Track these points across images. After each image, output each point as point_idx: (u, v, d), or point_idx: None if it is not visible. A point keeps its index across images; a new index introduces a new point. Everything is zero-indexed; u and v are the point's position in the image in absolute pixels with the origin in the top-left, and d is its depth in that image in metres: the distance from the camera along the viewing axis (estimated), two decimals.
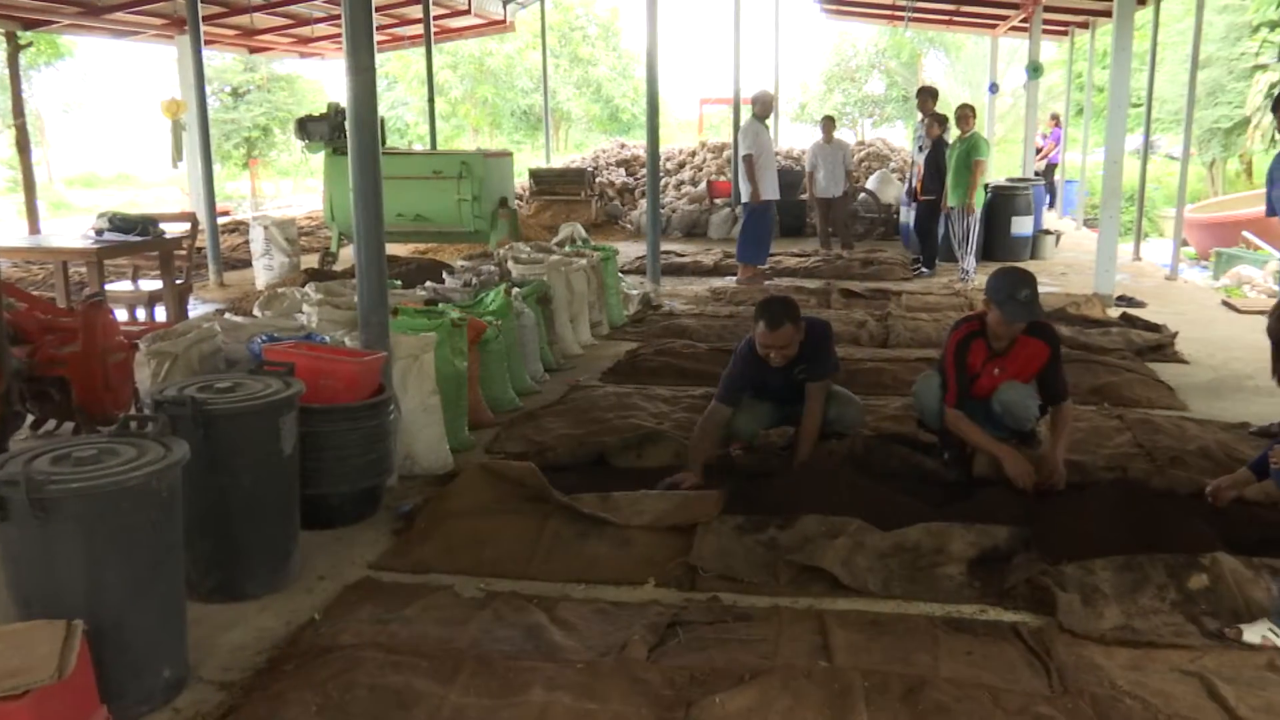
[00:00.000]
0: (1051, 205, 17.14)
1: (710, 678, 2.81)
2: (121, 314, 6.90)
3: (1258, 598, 3.20)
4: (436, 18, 16.94)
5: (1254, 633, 3.03)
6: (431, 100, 16.35)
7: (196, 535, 3.17)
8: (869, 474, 4.30)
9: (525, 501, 4.04)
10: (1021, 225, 11.80)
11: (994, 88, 19.67)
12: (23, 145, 12.08)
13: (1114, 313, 8.40)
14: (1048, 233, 12.48)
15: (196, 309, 8.18)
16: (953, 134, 10.48)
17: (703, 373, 6.22)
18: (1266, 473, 3.89)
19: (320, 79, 33.79)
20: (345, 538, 3.89)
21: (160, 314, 7.15)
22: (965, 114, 10.24)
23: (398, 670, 2.84)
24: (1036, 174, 16.67)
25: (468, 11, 17.92)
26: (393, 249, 11.17)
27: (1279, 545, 3.60)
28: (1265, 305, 5.01)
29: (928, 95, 11.29)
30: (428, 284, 6.68)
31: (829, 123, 12.63)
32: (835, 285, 9.59)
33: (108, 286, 7.14)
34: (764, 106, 10.44)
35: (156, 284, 7.37)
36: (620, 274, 8.84)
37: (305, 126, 11.00)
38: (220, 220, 12.04)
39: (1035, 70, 16.61)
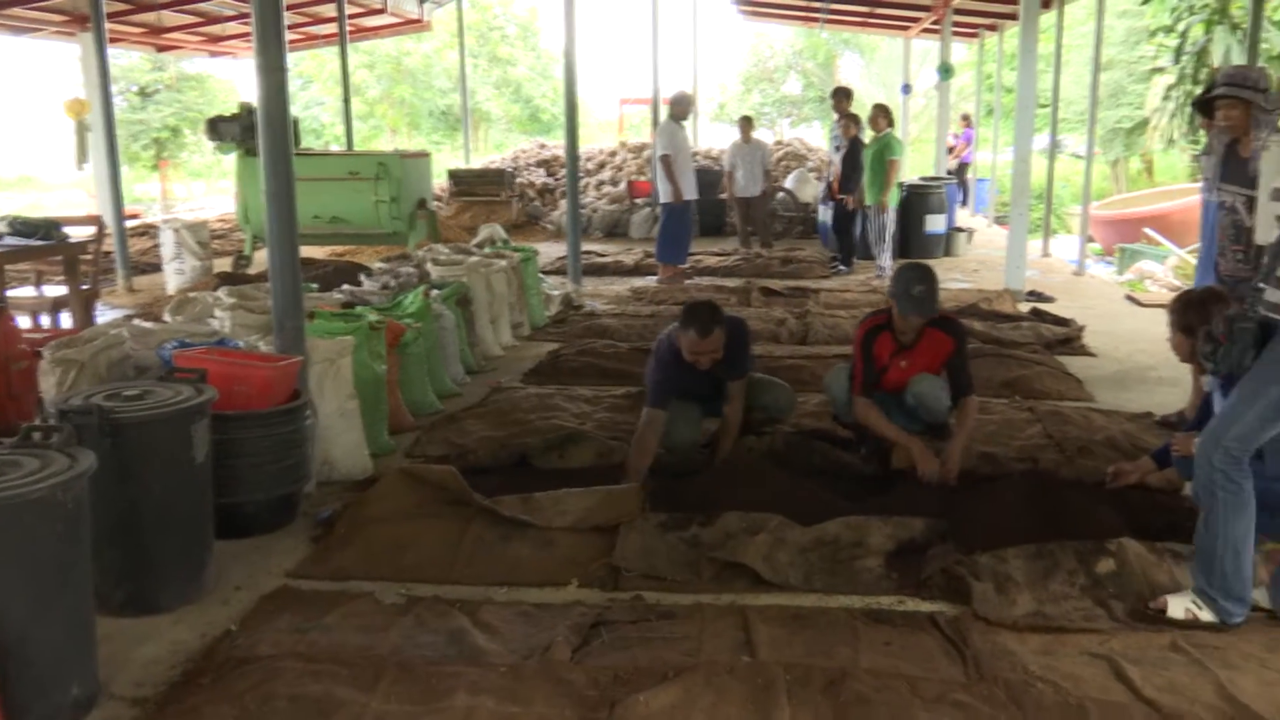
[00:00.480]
0: (964, 203, 17.53)
1: (634, 676, 2.82)
2: (24, 321, 6.67)
3: (1161, 580, 3.32)
4: (351, 16, 16.70)
5: (1178, 606, 3.14)
6: (347, 100, 16.11)
7: (106, 547, 3.08)
8: (789, 470, 4.35)
9: (446, 505, 4.00)
10: (935, 223, 12.05)
11: (907, 88, 20.04)
12: None
13: (1024, 307, 8.62)
14: (960, 230, 12.76)
15: (104, 315, 7.95)
16: (867, 134, 10.67)
17: (625, 372, 6.24)
18: (1168, 461, 4.05)
19: (232, 78, 33.09)
20: (262, 546, 3.82)
21: (65, 320, 6.94)
22: (875, 115, 10.43)
23: (317, 679, 2.80)
24: (949, 173, 17.05)
25: (383, 10, 17.69)
26: (309, 251, 11.01)
27: (1180, 530, 3.73)
28: (1166, 299, 5.22)
29: (843, 95, 11.47)
30: (345, 287, 6.58)
31: (746, 123, 12.75)
32: (755, 284, 9.69)
33: (9, 292, 6.89)
34: (682, 107, 10.51)
35: (61, 290, 7.14)
36: (541, 275, 8.82)
37: (216, 127, 10.77)
38: (129, 223, 11.71)
39: (946, 72, 16.99)
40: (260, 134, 4.08)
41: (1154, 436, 4.85)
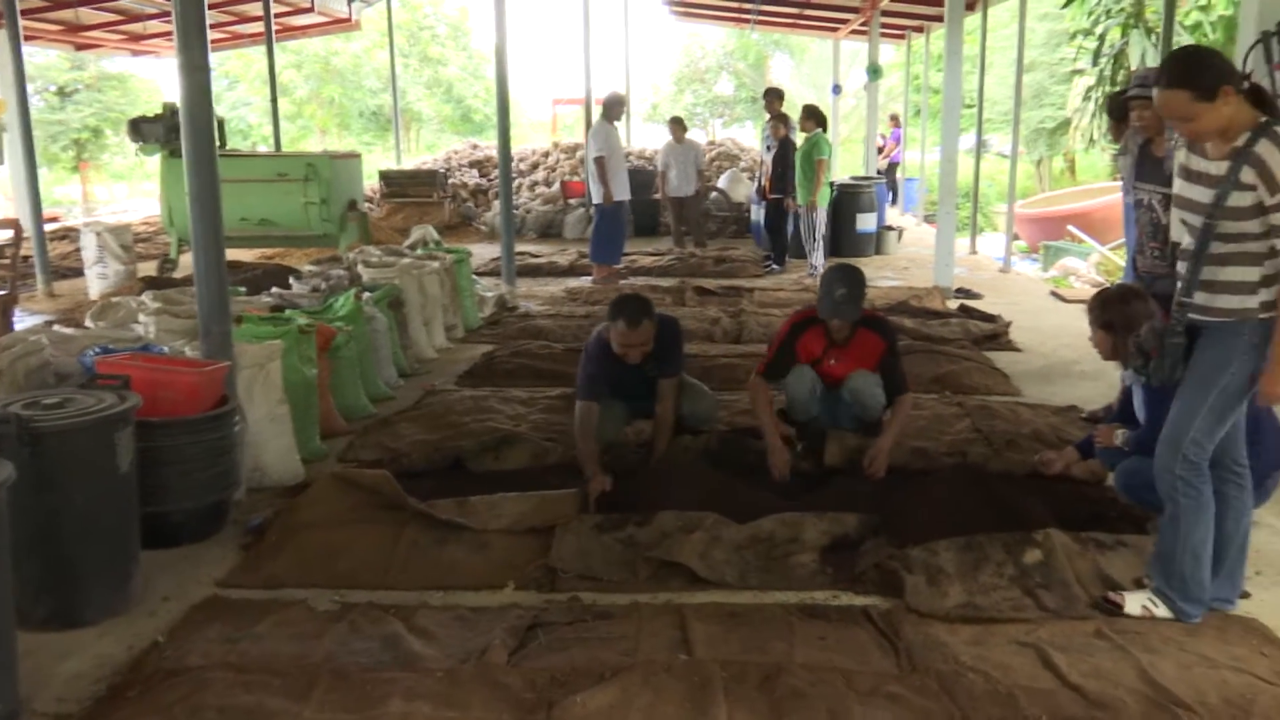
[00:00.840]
0: (894, 202, 17.79)
1: (571, 678, 2.82)
2: None
3: (1085, 568, 3.41)
4: (278, 15, 16.46)
5: (1134, 603, 3.21)
6: (274, 100, 15.85)
7: (26, 560, 3.00)
8: (724, 468, 4.38)
9: (380, 510, 3.96)
10: (866, 222, 12.20)
11: (837, 89, 20.27)
12: None
13: (953, 304, 8.77)
14: (890, 229, 12.95)
15: (23, 321, 7.72)
16: (799, 134, 10.78)
17: (559, 373, 6.22)
18: (1092, 452, 4.16)
19: (155, 78, 32.37)
20: (191, 556, 3.74)
21: None
22: (803, 116, 10.57)
23: (249, 690, 2.75)
24: (879, 172, 17.29)
25: (311, 9, 17.45)
26: (237, 254, 10.81)
27: (1104, 520, 3.84)
28: (1089, 295, 5.35)
29: (774, 96, 11.56)
30: (274, 290, 6.48)
31: (677, 123, 12.75)
32: (689, 283, 9.73)
33: None
34: (615, 108, 10.52)
35: None
36: (475, 276, 8.77)
37: (139, 128, 10.55)
38: (48, 227, 11.40)
39: (875, 72, 17.21)
40: (183, 135, 4.01)
41: (1078, 429, 4.97)
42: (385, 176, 15.97)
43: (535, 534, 3.77)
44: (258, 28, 16.22)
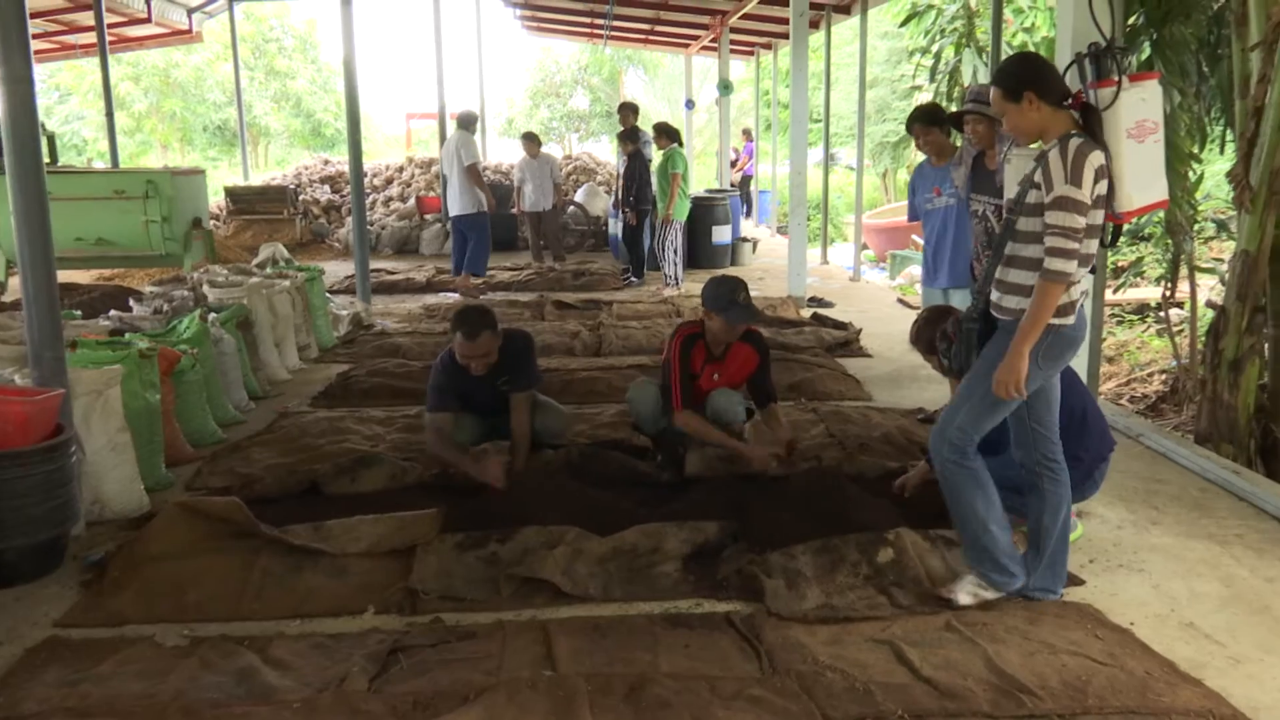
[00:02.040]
0: (748, 214, 18.21)
1: (435, 700, 2.77)
2: None
3: (935, 565, 3.55)
4: (112, 26, 15.76)
5: (964, 593, 3.35)
6: (110, 114, 15.14)
7: None
8: (585, 481, 4.39)
9: (231, 539, 3.81)
10: (721, 234, 12.44)
11: (690, 104, 20.63)
12: None
13: (806, 313, 9.02)
14: (745, 240, 13.23)
15: None
16: (654, 149, 10.92)
17: (418, 391, 6.10)
18: None
19: None
20: (25, 596, 3.54)
21: None
22: (656, 133, 10.72)
23: None
24: (733, 185, 17.65)
25: (148, 20, 16.74)
26: (72, 276, 10.31)
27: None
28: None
29: (628, 110, 11.68)
30: (112, 313, 6.19)
31: (530, 139, 12.72)
32: (548, 298, 9.73)
33: None
34: (471, 123, 10.45)
35: None
36: (329, 294, 8.56)
37: None
38: None
39: (725, 88, 17.58)
40: (6, 150, 3.80)
41: (926, 431, 5.16)
42: (231, 193, 15.47)
43: (395, 556, 3.70)
44: (90, 38, 15.46)
